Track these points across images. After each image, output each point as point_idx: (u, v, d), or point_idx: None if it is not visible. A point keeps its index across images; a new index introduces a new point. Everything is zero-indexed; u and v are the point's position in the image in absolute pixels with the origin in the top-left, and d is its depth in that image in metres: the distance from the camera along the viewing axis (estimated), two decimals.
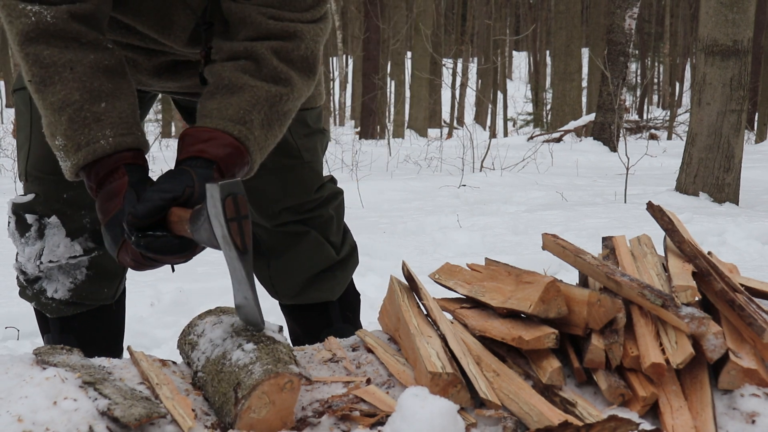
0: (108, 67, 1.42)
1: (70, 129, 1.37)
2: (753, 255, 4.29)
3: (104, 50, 1.43)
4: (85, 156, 1.37)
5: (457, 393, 1.18)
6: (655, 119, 17.70)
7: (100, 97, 1.39)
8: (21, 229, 1.79)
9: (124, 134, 1.38)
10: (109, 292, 1.86)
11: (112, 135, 1.37)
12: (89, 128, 1.37)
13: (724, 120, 6.12)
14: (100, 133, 1.37)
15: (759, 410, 1.16)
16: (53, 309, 1.82)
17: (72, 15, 1.40)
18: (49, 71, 1.38)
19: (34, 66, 1.39)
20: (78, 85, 1.38)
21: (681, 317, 1.24)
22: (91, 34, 1.42)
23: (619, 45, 11.57)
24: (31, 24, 1.38)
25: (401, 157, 9.79)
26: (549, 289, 1.25)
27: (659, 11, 26.24)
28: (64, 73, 1.38)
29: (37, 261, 1.78)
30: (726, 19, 6.06)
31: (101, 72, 1.41)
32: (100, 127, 1.37)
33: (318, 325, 1.94)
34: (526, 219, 5.29)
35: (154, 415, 1.07)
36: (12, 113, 18.58)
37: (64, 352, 1.29)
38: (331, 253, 1.92)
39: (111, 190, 1.36)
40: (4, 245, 4.61)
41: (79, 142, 1.37)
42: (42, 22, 1.38)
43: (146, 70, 1.71)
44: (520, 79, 35.13)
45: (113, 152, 1.37)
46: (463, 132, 11.63)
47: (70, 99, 1.37)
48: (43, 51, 1.38)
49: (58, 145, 1.39)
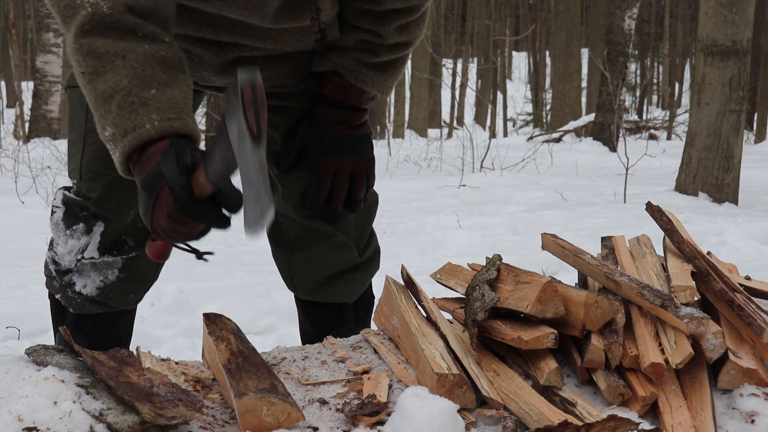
0: (164, 58, 1.38)
1: (118, 116, 1.33)
2: (752, 255, 4.30)
3: (161, 42, 1.40)
4: (131, 141, 1.32)
5: (463, 394, 1.18)
6: (655, 119, 17.69)
7: (150, 84, 1.34)
8: (68, 221, 1.77)
9: (171, 119, 1.33)
10: (134, 298, 1.86)
11: (158, 119, 1.32)
12: (136, 113, 1.32)
13: (723, 120, 6.12)
14: (146, 117, 1.32)
15: (758, 410, 1.17)
16: (77, 304, 1.81)
17: (129, 8, 1.38)
18: (102, 61, 1.35)
19: (88, 57, 1.36)
20: (128, 72, 1.34)
21: (680, 317, 1.25)
22: (149, 27, 1.39)
23: (619, 45, 11.57)
24: (87, 15, 1.36)
25: (401, 157, 9.79)
26: (546, 289, 1.25)
27: (659, 12, 26.23)
28: (116, 62, 1.35)
29: (79, 255, 1.77)
30: (725, 20, 6.06)
31: (156, 61, 1.37)
32: (146, 111, 1.32)
33: (330, 323, 1.94)
34: (525, 219, 5.29)
35: (147, 423, 1.07)
36: (12, 113, 18.58)
37: (57, 353, 1.29)
38: (354, 255, 1.91)
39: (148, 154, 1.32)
40: (5, 245, 4.61)
41: (126, 128, 1.32)
42: (98, 13, 1.36)
43: (212, 66, 1.70)
44: (520, 79, 35.12)
45: (159, 137, 1.32)
46: (462, 132, 11.63)
47: (120, 85, 1.33)
48: (97, 41, 1.36)
49: (108, 137, 1.35)
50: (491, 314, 1.27)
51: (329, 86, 1.77)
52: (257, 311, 3.22)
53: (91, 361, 1.18)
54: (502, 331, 1.26)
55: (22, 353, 1.26)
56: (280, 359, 1.38)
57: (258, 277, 3.69)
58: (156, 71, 1.36)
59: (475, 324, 1.24)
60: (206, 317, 1.32)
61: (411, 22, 1.74)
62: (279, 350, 1.44)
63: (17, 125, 14.76)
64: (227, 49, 1.68)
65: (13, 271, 3.91)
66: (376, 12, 1.71)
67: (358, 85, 1.76)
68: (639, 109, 23.48)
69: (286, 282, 1.96)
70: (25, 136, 12.55)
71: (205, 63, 1.70)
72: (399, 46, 1.77)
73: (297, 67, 1.79)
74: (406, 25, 1.74)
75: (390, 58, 1.77)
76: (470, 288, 1.32)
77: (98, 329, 1.85)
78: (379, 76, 1.77)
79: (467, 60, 23.61)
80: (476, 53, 26.70)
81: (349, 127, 1.79)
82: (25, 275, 3.79)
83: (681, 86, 24.48)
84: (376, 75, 1.77)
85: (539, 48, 27.78)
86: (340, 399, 1.22)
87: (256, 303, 3.29)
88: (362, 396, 1.21)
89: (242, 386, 1.12)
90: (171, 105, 1.35)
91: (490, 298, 1.25)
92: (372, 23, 1.72)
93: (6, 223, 5.34)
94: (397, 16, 1.72)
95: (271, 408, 1.10)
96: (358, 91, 1.78)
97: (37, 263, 3.97)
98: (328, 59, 1.76)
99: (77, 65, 1.39)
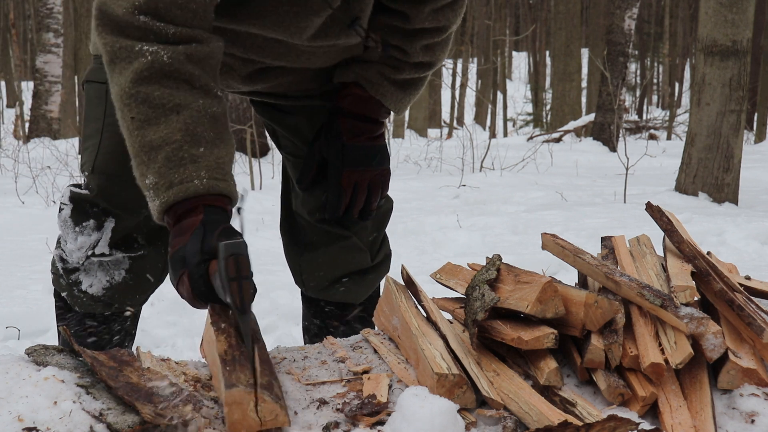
0: (214, 115, 1.41)
1: (164, 167, 1.35)
2: (752, 255, 4.30)
3: (214, 97, 1.42)
4: (176, 194, 1.35)
5: (463, 394, 1.18)
6: (655, 119, 17.69)
7: (200, 142, 1.37)
8: (77, 218, 1.78)
9: (218, 179, 1.37)
10: (140, 299, 1.87)
11: (207, 177, 1.36)
12: (185, 168, 1.35)
13: (723, 120, 6.12)
14: (195, 173, 1.35)
15: (758, 410, 1.17)
16: (83, 303, 1.82)
17: (188, 56, 1.40)
18: (157, 112, 1.37)
19: (143, 105, 1.37)
20: (181, 127, 1.36)
21: (680, 317, 1.25)
22: (204, 78, 1.41)
23: (619, 45, 11.57)
24: (146, 63, 1.37)
25: (401, 157, 9.79)
26: (546, 289, 1.25)
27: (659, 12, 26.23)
28: (170, 116, 1.37)
29: (90, 251, 1.77)
30: (725, 20, 6.06)
31: (207, 119, 1.40)
32: (195, 168, 1.36)
33: (334, 320, 1.96)
34: (525, 219, 5.29)
35: (147, 423, 1.07)
36: (12, 113, 18.58)
37: (57, 353, 1.29)
38: (366, 258, 1.93)
39: (184, 225, 1.35)
40: (4, 245, 4.61)
41: (173, 180, 1.35)
42: (158, 61, 1.37)
43: (239, 75, 1.73)
44: (520, 79, 35.13)
45: (205, 193, 1.35)
46: (462, 132, 11.63)
47: (171, 138, 1.36)
48: (154, 92, 1.37)
49: (149, 184, 1.37)
50: (491, 314, 1.27)
51: (349, 98, 1.81)
52: (257, 311, 3.21)
53: (91, 361, 1.18)
54: (502, 331, 1.26)
55: (22, 353, 1.26)
56: (280, 359, 1.38)
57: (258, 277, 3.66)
58: (206, 129, 1.39)
59: (475, 324, 1.25)
60: (212, 308, 1.32)
61: (437, 42, 1.79)
62: (279, 350, 1.44)
63: (17, 125, 14.76)
64: (255, 61, 1.71)
65: (13, 271, 3.91)
66: (405, 29, 1.76)
67: (378, 97, 1.79)
68: (639, 109, 23.48)
69: (295, 278, 1.97)
70: (25, 136, 12.55)
71: (234, 72, 1.73)
72: (422, 66, 1.81)
73: (319, 73, 1.82)
74: (432, 46, 1.79)
75: (412, 76, 1.81)
76: (470, 288, 1.33)
77: (102, 328, 1.85)
78: (398, 92, 1.81)
79: (467, 60, 23.61)
80: (476, 53, 26.70)
81: (368, 138, 1.82)
82: (25, 275, 3.78)
83: (681, 86, 24.49)
84: (396, 91, 1.81)
85: (539, 48, 27.79)
86: (340, 399, 1.22)
87: (256, 303, 3.28)
88: (362, 396, 1.22)
89: (234, 378, 1.12)
90: (218, 165, 1.38)
91: (490, 298, 1.25)
92: (400, 40, 1.77)
93: (6, 223, 5.35)
94: (425, 35, 1.77)
95: (260, 405, 1.09)
96: (376, 104, 1.81)
97: (37, 263, 3.98)
98: (351, 70, 1.80)
99: (127, 110, 1.39)
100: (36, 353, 1.25)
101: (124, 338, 1.92)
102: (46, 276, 3.31)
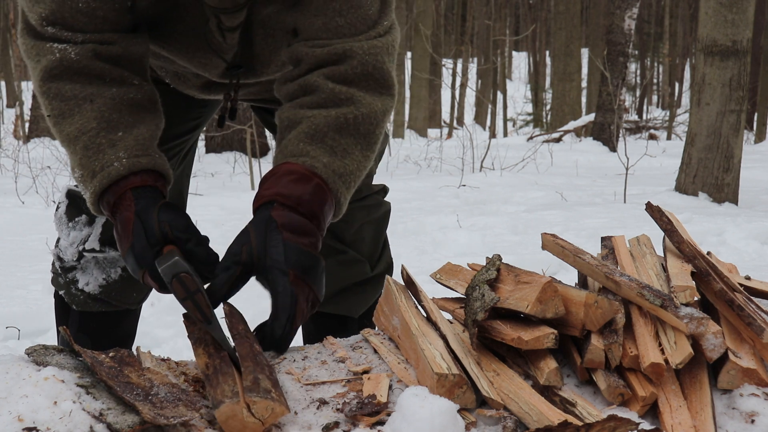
0: (132, 100, 1.40)
1: (85, 157, 1.35)
2: (752, 255, 4.30)
3: (129, 86, 1.42)
4: (101, 181, 1.34)
5: (463, 394, 1.18)
6: (655, 119, 17.70)
7: (117, 127, 1.37)
8: (71, 213, 1.79)
9: (138, 155, 1.36)
10: (137, 297, 1.87)
11: (126, 157, 1.35)
12: (104, 153, 1.35)
13: (723, 120, 6.13)
14: (113, 155, 1.34)
15: (758, 410, 1.17)
16: (80, 302, 1.82)
17: (97, 54, 1.40)
18: (69, 104, 1.37)
19: (55, 100, 1.38)
20: (96, 115, 1.36)
21: (680, 317, 1.25)
22: (116, 72, 1.41)
23: (619, 45, 11.57)
24: (55, 60, 1.38)
25: (401, 158, 9.80)
26: (546, 289, 1.25)
27: (659, 12, 26.23)
28: (83, 105, 1.37)
29: (80, 246, 1.78)
30: (725, 20, 6.06)
31: (124, 105, 1.39)
32: (114, 151, 1.35)
33: (333, 328, 1.93)
34: (525, 219, 5.29)
35: (147, 423, 1.07)
36: (12, 113, 18.58)
37: (57, 353, 1.29)
38: (365, 269, 1.88)
39: (122, 221, 1.33)
40: (4, 245, 4.61)
41: (94, 168, 1.35)
42: (66, 58, 1.38)
43: (195, 85, 1.73)
44: (520, 79, 35.12)
45: (128, 173, 1.34)
46: (462, 132, 11.63)
47: (87, 127, 1.36)
48: (65, 86, 1.38)
49: (78, 178, 1.38)
50: (491, 314, 1.27)
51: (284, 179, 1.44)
52: (257, 311, 3.21)
53: (91, 361, 1.18)
54: (502, 331, 1.26)
55: (22, 353, 1.26)
56: (280, 359, 1.38)
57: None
58: (123, 114, 1.39)
59: (475, 324, 1.24)
60: (185, 318, 1.32)
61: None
62: None
63: (17, 125, 14.76)
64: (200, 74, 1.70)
65: (13, 271, 3.91)
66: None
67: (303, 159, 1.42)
68: (639, 109, 23.49)
69: None
70: (25, 136, 12.55)
71: (189, 82, 1.73)
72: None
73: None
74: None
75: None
76: (470, 288, 1.32)
77: (102, 327, 1.86)
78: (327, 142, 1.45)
79: (467, 60, 23.61)
80: (476, 53, 26.70)
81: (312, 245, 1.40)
82: (25, 275, 3.79)
83: (681, 86, 24.49)
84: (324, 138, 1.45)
85: (539, 48, 27.79)
86: (340, 399, 1.22)
87: (256, 303, 3.28)
88: (362, 396, 1.22)
89: (219, 393, 1.11)
90: (137, 143, 1.37)
91: (490, 298, 1.25)
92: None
93: (6, 223, 5.35)
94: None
95: (253, 407, 1.09)
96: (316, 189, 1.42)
97: (37, 263, 3.98)
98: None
99: (44, 108, 1.41)
100: (36, 353, 1.25)
101: (124, 338, 1.92)
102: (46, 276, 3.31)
